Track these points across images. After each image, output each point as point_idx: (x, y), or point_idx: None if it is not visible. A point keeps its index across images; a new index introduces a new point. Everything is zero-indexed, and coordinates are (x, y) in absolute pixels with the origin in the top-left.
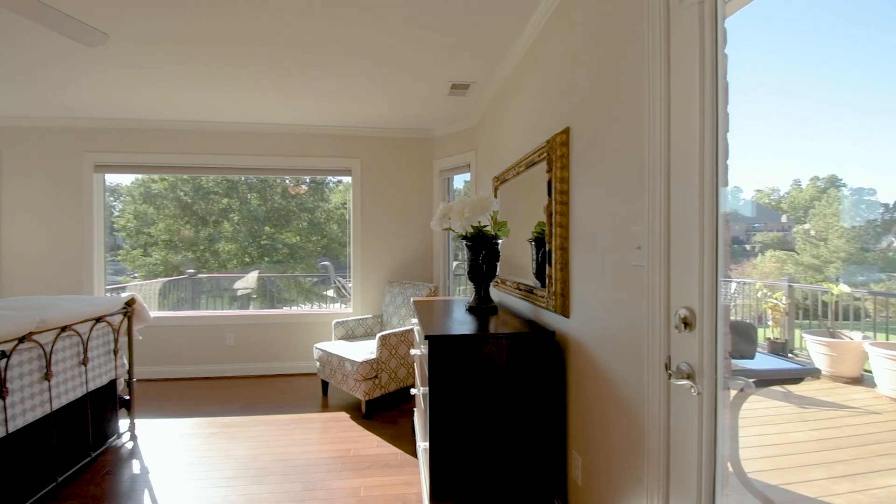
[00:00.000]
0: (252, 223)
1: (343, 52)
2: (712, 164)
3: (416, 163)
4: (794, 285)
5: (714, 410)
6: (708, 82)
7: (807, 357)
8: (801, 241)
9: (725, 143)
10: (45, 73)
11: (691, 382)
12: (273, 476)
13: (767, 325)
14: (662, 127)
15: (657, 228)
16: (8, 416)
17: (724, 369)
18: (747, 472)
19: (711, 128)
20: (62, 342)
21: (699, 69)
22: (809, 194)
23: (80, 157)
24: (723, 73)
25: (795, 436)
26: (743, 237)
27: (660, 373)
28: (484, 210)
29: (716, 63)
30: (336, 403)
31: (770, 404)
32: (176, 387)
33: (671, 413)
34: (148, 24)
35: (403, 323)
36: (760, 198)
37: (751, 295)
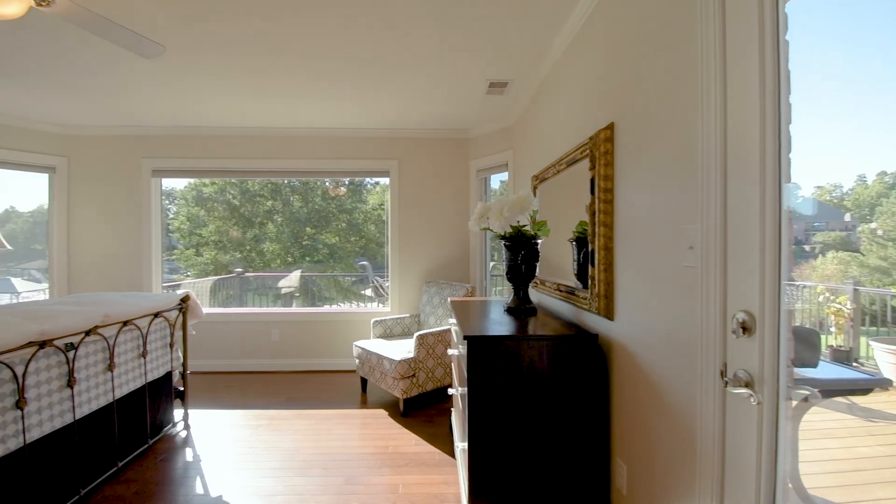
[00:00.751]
0: (294, 224)
1: (381, 56)
2: (774, 157)
3: (452, 163)
4: (860, 289)
5: (775, 422)
6: (769, 71)
7: (874, 366)
8: (866, 241)
9: (788, 135)
10: (107, 85)
11: (750, 391)
12: (315, 469)
13: (830, 331)
14: (718, 119)
15: (712, 227)
16: (76, 403)
17: (787, 378)
18: (808, 488)
19: (773, 119)
20: (124, 335)
21: (759, 57)
22: (876, 190)
23: (139, 162)
24: (784, 60)
25: (861, 451)
26: (802, 237)
27: (714, 380)
28: (523, 209)
29: (777, 50)
30: (375, 400)
31: (832, 416)
32: (225, 379)
33: (727, 423)
34: (200, 37)
35: (440, 323)
36: (821, 195)
37: (811, 299)
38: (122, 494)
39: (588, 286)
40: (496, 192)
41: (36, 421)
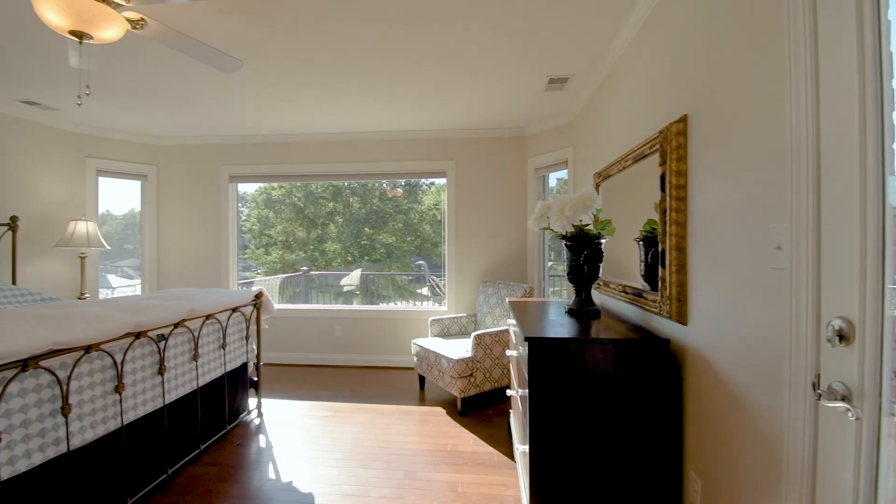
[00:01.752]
0: (354, 225)
1: (440, 57)
2: (876, 148)
3: (509, 162)
4: None
5: (877, 440)
6: (868, 52)
7: None
8: None
9: (892, 124)
10: (191, 100)
11: (847, 405)
12: (377, 462)
13: None
14: (809, 108)
15: (804, 226)
16: (165, 389)
17: (891, 391)
18: None
19: (875, 106)
20: (206, 328)
21: (857, 38)
22: None
23: (218, 169)
24: (886, 41)
25: None
26: None
27: (805, 393)
28: (586, 208)
29: (878, 30)
30: (432, 398)
31: None
32: (292, 371)
33: (819, 440)
34: (273, 52)
35: (498, 323)
36: None
37: None
38: (204, 475)
39: (657, 288)
40: (554, 191)
41: (132, 405)
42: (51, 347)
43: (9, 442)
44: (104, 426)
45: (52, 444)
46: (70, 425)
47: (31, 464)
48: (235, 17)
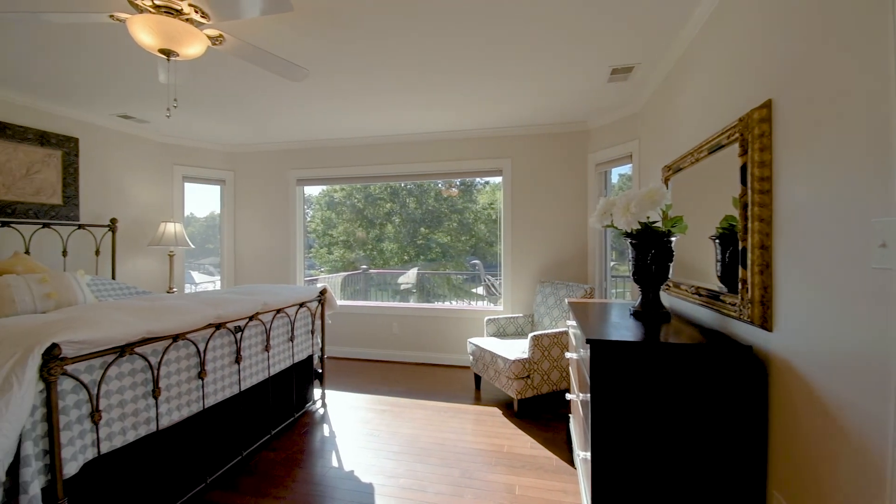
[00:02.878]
0: (410, 224)
1: (496, 54)
2: None
3: (569, 158)
4: None
5: None
6: None
7: None
8: None
9: None
10: (263, 109)
11: None
12: (433, 458)
13: None
14: None
15: None
16: (242, 377)
17: None
18: None
19: None
20: (277, 321)
21: None
22: None
23: (287, 173)
24: None
25: None
26: None
27: None
28: (654, 203)
29: None
30: (488, 398)
31: None
32: (352, 365)
33: None
34: (336, 61)
35: (556, 324)
36: None
37: None
38: (274, 459)
39: (737, 290)
40: (615, 188)
41: (212, 390)
42: (144, 336)
43: (108, 420)
44: (188, 409)
45: (144, 423)
46: (159, 407)
47: (126, 440)
48: (301, 30)
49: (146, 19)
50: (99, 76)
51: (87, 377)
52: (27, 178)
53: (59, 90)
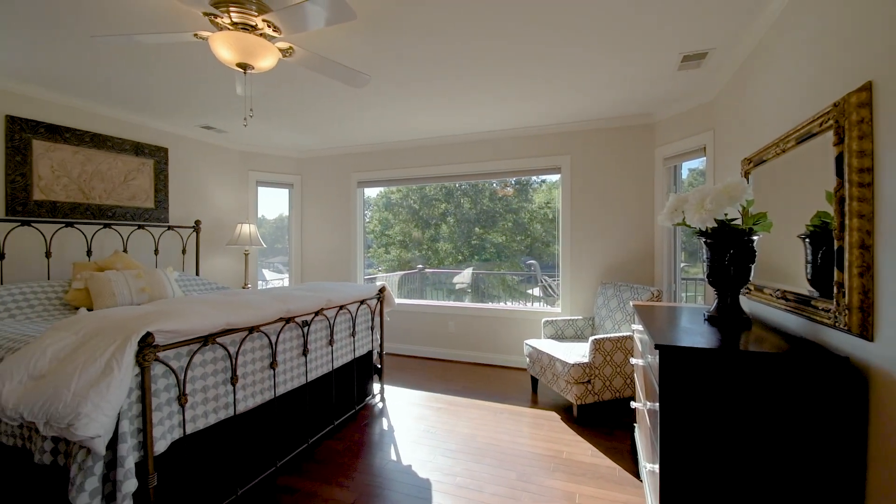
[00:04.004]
0: (464, 224)
1: (555, 47)
2: None
3: (633, 153)
4: None
5: None
6: None
7: None
8: None
9: None
10: (328, 117)
11: None
12: (489, 458)
13: None
14: None
15: None
16: (308, 369)
17: None
18: None
19: None
20: (340, 317)
21: None
22: None
23: (349, 176)
24: None
25: None
26: None
27: None
28: (733, 199)
29: None
30: (545, 402)
31: None
32: (409, 362)
33: None
34: (396, 64)
35: (619, 328)
36: None
37: None
38: (337, 449)
39: (831, 295)
40: (685, 183)
41: (282, 380)
42: (224, 327)
43: (192, 403)
44: (261, 396)
45: (223, 408)
46: (236, 393)
47: (207, 423)
48: (363, 37)
49: (226, 36)
50: (184, 91)
51: (176, 363)
52: (124, 185)
53: (151, 105)
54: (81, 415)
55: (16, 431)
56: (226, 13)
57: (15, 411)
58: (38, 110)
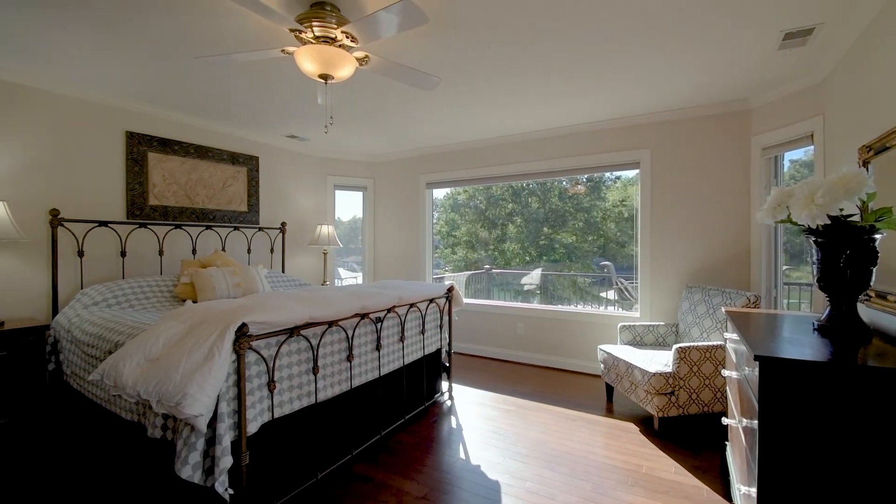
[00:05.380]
0: (532, 224)
1: (632, 33)
2: None
3: (724, 143)
4: None
5: None
6: None
7: None
8: None
9: None
10: (398, 121)
11: None
12: (562, 466)
13: None
14: None
15: None
16: (381, 363)
17: None
18: None
19: None
20: (410, 315)
21: None
22: None
23: (417, 178)
24: None
25: None
26: None
27: None
28: (850, 192)
29: None
30: (622, 412)
31: None
32: (477, 362)
33: None
34: (463, 67)
35: (708, 336)
36: None
37: None
38: (408, 442)
39: None
40: (786, 175)
41: (357, 373)
42: (307, 321)
43: (279, 390)
44: (339, 387)
45: (306, 396)
46: (318, 382)
47: (292, 409)
48: (431, 40)
49: (309, 49)
50: (272, 104)
51: (266, 352)
52: (223, 191)
53: (245, 118)
54: (187, 395)
55: (133, 408)
56: (309, 28)
57: (133, 389)
58: (151, 126)
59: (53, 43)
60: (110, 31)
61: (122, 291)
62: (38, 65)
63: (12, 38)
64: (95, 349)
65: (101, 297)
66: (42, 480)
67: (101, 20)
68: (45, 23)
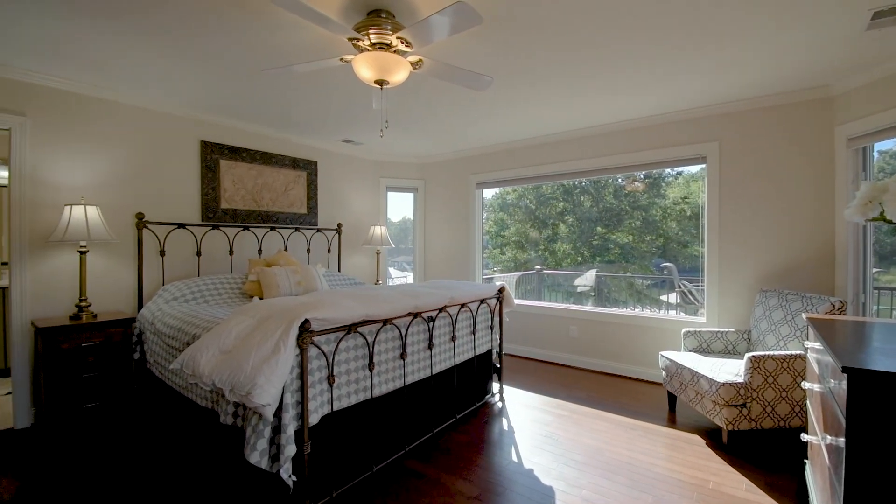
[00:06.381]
0: (585, 224)
1: (699, 16)
2: None
3: (803, 134)
4: None
5: None
6: None
7: None
8: None
9: None
10: (449, 124)
11: None
12: (620, 477)
13: None
14: None
15: None
16: (433, 362)
17: None
18: None
19: None
20: (461, 315)
21: None
22: None
23: (467, 178)
24: None
25: None
26: None
27: None
28: None
29: None
30: (686, 423)
31: None
32: (528, 364)
33: None
34: (514, 64)
35: (785, 345)
36: None
37: None
38: (460, 441)
39: None
40: (875, 168)
41: (410, 370)
42: (363, 318)
43: (338, 384)
44: (393, 384)
45: (362, 391)
46: (373, 378)
47: (349, 402)
48: (482, 40)
49: (366, 57)
50: (329, 110)
51: (326, 347)
52: (285, 194)
53: (304, 125)
54: (257, 385)
55: (208, 395)
56: (366, 36)
57: (209, 378)
58: (222, 135)
59: (137, 62)
60: (187, 50)
61: (197, 288)
62: (125, 82)
63: (105, 60)
64: (175, 340)
65: (180, 292)
66: (128, 458)
67: (178, 40)
68: (130, 45)
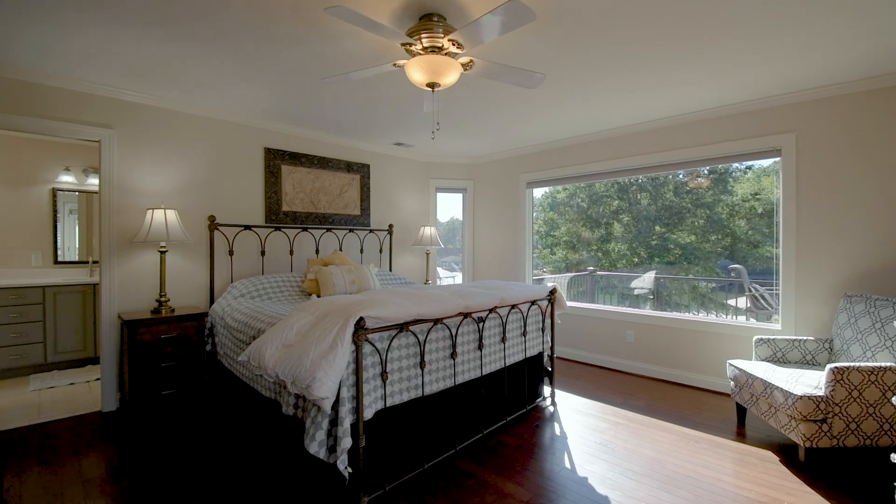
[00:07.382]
0: (642, 223)
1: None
2: None
3: (889, 124)
4: None
5: None
6: None
7: None
8: None
9: None
10: (498, 123)
11: None
12: (682, 491)
13: None
14: None
15: None
16: (483, 363)
17: None
18: None
19: None
20: (512, 316)
21: None
22: None
23: (517, 177)
24: None
25: None
26: None
27: None
28: None
29: None
30: (756, 437)
31: None
32: (581, 369)
33: None
34: (568, 62)
35: (873, 356)
36: None
37: None
38: (509, 443)
39: None
40: None
41: (460, 370)
42: (415, 317)
43: (391, 381)
44: (443, 383)
45: (414, 388)
46: (424, 377)
47: (402, 399)
48: (534, 38)
49: (418, 60)
50: (382, 114)
51: (380, 345)
52: (340, 197)
53: (358, 129)
54: (316, 378)
55: (271, 387)
56: (418, 40)
57: (273, 370)
58: (283, 141)
59: (207, 76)
60: (252, 61)
61: (262, 285)
62: (197, 95)
63: (179, 75)
64: (242, 334)
65: (246, 289)
66: (201, 441)
67: (243, 53)
68: (201, 59)
